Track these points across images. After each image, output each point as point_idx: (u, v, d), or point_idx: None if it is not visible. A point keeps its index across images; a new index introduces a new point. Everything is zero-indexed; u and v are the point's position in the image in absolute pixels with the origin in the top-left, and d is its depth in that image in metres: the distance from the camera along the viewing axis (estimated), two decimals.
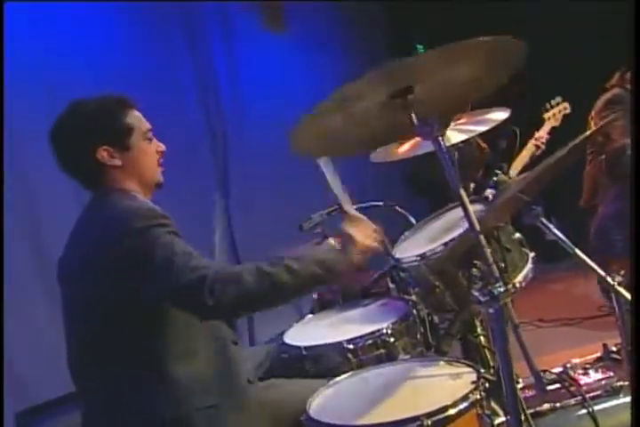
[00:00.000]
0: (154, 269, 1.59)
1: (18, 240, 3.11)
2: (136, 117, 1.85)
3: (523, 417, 1.51)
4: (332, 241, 1.75)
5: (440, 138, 1.41)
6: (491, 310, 1.37)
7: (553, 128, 3.76)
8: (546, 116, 3.80)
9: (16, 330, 2.93)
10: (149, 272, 1.60)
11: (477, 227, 1.40)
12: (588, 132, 1.93)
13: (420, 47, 6.28)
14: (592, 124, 3.47)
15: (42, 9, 3.53)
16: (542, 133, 3.73)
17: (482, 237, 1.41)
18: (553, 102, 3.85)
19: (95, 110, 1.82)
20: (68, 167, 1.84)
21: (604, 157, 3.40)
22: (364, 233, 1.75)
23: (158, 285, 1.60)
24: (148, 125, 1.87)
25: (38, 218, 3.32)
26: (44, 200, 3.34)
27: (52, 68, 3.51)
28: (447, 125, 1.43)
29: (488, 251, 1.41)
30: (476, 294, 1.38)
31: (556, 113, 3.80)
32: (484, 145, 3.61)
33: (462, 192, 1.40)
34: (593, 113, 3.50)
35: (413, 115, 1.43)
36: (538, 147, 3.70)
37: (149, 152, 1.86)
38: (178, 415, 1.66)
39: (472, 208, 1.45)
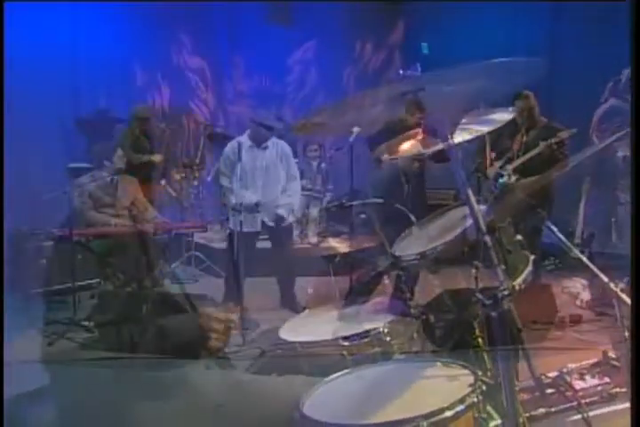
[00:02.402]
0: None
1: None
2: None
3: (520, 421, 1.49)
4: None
5: (451, 136, 1.38)
6: (494, 314, 1.35)
7: None
8: None
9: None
10: None
11: (483, 228, 1.38)
12: (598, 146, 1.91)
13: (424, 46, 6.23)
14: (594, 136, 3.44)
15: (43, 9, 3.55)
16: None
17: (487, 238, 1.39)
18: None
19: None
20: None
21: None
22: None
23: None
24: None
25: (38, 217, 3.35)
26: (43, 199, 3.36)
27: (53, 68, 3.52)
28: (458, 124, 1.40)
29: (493, 253, 1.39)
30: (480, 296, 1.36)
31: None
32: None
33: (469, 192, 1.38)
34: (593, 125, 3.47)
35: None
36: None
37: None
38: None
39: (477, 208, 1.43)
